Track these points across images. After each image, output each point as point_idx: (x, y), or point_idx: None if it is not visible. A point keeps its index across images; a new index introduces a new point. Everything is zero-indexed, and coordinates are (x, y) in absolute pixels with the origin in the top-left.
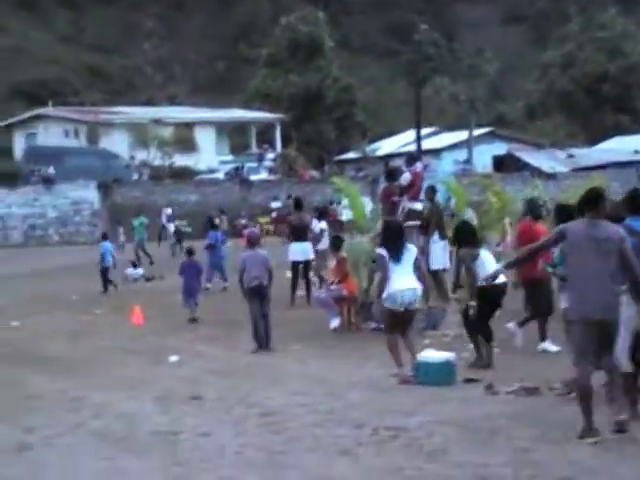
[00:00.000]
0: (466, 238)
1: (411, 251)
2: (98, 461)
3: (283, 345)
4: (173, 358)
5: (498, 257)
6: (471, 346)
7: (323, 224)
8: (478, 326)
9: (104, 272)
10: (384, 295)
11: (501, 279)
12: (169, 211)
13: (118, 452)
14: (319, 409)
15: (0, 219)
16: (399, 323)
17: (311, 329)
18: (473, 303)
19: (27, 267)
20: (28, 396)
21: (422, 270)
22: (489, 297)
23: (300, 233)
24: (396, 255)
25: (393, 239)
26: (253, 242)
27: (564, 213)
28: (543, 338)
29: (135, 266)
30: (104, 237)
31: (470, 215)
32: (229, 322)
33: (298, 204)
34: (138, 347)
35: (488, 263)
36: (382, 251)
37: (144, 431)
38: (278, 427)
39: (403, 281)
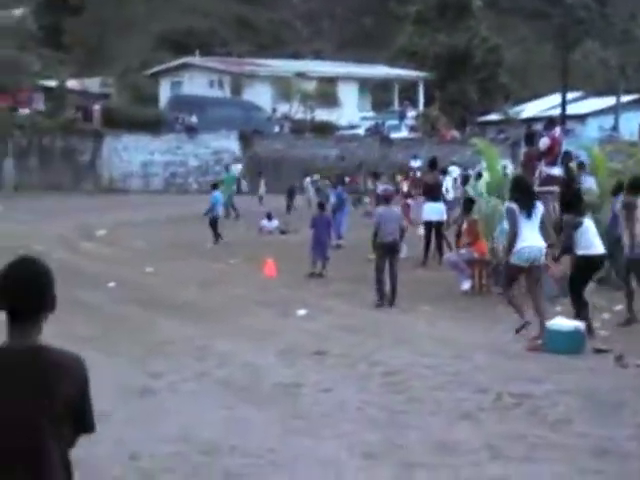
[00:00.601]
0: (572, 204)
1: (540, 208)
2: (219, 410)
3: (412, 305)
4: (301, 312)
5: None
6: (603, 316)
7: (469, 186)
8: (571, 295)
9: (213, 222)
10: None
11: (600, 250)
12: (239, 167)
13: (239, 402)
14: (444, 371)
15: (143, 165)
16: (518, 279)
17: (441, 290)
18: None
19: (166, 214)
20: (158, 341)
21: (547, 228)
22: (586, 267)
23: (434, 192)
24: (528, 210)
25: (524, 195)
26: (388, 199)
27: None
28: None
29: (270, 218)
30: (214, 187)
31: (591, 184)
32: (360, 278)
33: (433, 164)
34: (268, 299)
35: (591, 232)
36: (512, 205)
37: (267, 383)
38: (401, 387)
39: (532, 237)
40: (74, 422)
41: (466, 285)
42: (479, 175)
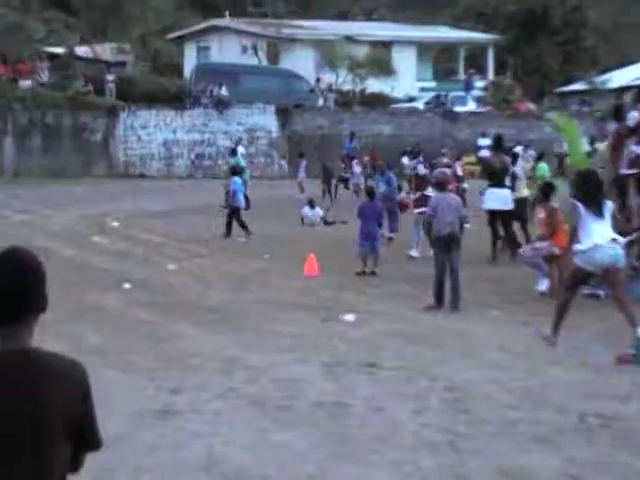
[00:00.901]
0: None
1: (609, 205)
2: (250, 432)
3: (478, 309)
4: (348, 317)
5: None
6: None
7: (517, 167)
8: None
9: (233, 213)
10: (579, 249)
11: None
12: (242, 150)
13: (274, 424)
14: (514, 387)
15: (164, 145)
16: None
17: (513, 291)
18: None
19: (191, 202)
20: (180, 352)
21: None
22: None
23: (499, 177)
24: (598, 209)
25: (593, 192)
26: (442, 184)
27: None
28: None
29: (312, 206)
30: (234, 172)
31: None
32: (416, 278)
33: (498, 143)
34: (309, 302)
35: None
36: (578, 203)
37: (306, 401)
38: (464, 405)
39: (604, 236)
40: (74, 438)
41: (543, 285)
42: (540, 157)
